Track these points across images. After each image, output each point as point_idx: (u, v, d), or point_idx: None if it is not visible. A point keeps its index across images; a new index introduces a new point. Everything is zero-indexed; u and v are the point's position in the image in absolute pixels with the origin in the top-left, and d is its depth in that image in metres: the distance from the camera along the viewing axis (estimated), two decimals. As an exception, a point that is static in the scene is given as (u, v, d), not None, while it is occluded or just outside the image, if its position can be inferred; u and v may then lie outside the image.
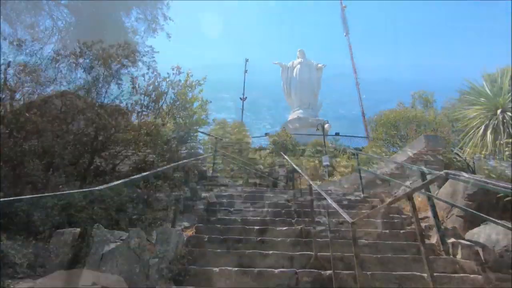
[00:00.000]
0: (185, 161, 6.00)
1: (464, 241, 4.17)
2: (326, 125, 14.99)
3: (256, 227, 5.05)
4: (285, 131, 14.98)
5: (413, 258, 4.01)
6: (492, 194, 4.20)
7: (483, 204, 4.39)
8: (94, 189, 3.08)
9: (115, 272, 2.92)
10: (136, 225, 3.62)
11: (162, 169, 4.54)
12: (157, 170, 4.43)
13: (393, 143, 10.77)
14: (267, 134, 16.91)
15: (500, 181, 3.00)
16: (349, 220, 3.13)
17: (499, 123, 5.88)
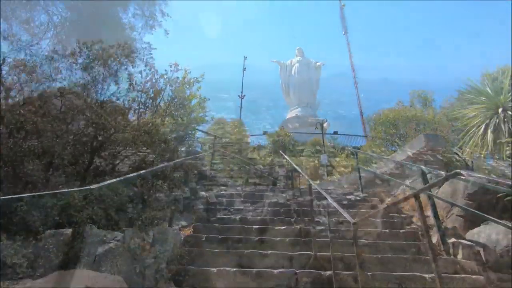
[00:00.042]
0: (182, 159, 5.98)
1: (464, 241, 4.16)
2: (324, 124, 14.95)
3: (255, 226, 5.04)
4: (284, 130, 14.93)
5: (413, 258, 4.01)
6: (492, 193, 4.20)
7: (483, 203, 4.39)
8: (89, 187, 3.08)
9: (114, 272, 2.91)
10: (135, 225, 3.61)
11: (159, 167, 4.52)
12: (154, 168, 4.41)
13: (392, 142, 10.76)
14: (265, 132, 16.85)
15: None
16: (351, 220, 3.12)
17: (500, 122, 5.87)
